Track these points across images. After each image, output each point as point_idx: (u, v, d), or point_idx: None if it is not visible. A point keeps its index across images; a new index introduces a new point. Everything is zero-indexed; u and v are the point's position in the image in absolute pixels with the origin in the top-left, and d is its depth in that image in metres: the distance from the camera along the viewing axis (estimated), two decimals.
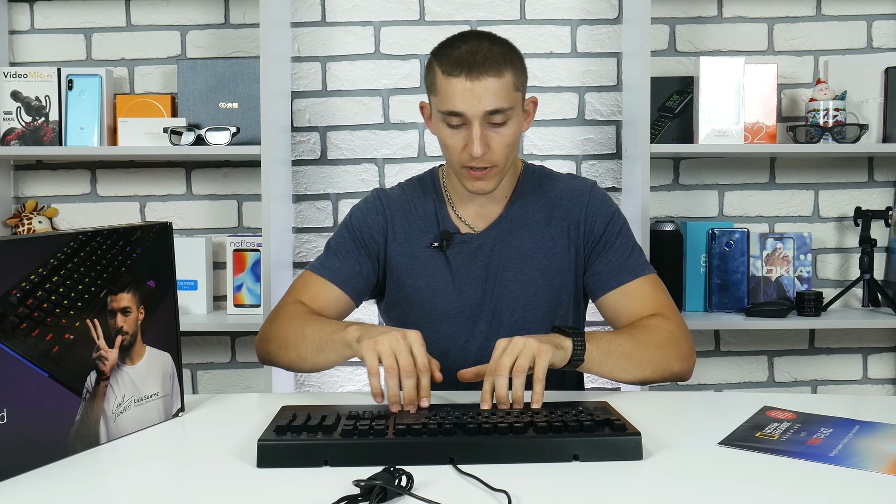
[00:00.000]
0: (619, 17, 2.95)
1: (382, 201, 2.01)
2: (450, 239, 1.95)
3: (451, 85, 1.76)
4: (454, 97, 1.76)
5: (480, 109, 1.75)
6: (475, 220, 1.98)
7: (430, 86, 1.85)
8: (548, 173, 2.04)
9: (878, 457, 1.30)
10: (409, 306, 1.97)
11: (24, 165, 2.98)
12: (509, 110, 1.78)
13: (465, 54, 1.76)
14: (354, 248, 1.96)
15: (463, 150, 1.81)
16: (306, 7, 2.95)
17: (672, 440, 1.39)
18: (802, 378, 3.04)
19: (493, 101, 1.75)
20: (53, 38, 2.96)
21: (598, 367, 1.65)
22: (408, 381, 1.46)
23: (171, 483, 1.27)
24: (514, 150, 1.86)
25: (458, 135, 1.81)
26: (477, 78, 1.74)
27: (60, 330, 1.31)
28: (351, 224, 2.00)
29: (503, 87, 1.76)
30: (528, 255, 1.95)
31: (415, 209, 2.00)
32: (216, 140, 2.68)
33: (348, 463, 1.26)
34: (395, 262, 1.97)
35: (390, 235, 1.98)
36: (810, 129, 2.74)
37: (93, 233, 1.39)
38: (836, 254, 3.02)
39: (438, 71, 1.80)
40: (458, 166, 1.85)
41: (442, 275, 1.95)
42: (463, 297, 1.95)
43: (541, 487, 1.18)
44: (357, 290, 1.95)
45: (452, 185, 1.99)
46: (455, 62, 1.76)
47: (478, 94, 1.75)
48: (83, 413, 1.35)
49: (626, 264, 1.91)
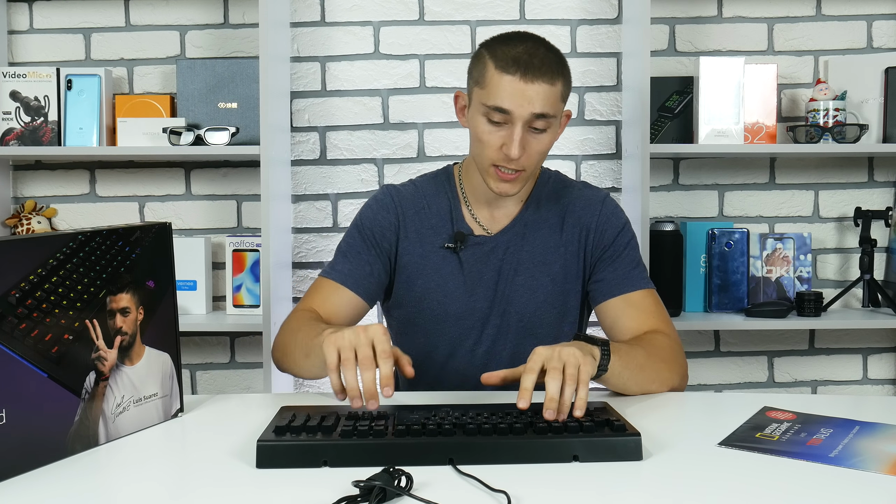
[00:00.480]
0: (619, 17, 2.94)
1: (394, 199, 1.98)
2: (463, 240, 1.94)
3: (504, 82, 1.75)
4: (504, 94, 1.75)
5: (528, 111, 1.74)
6: (489, 221, 1.97)
7: (477, 78, 1.82)
8: (563, 180, 2.04)
9: (878, 457, 1.29)
10: (417, 306, 1.96)
11: (22, 165, 2.98)
12: (552, 118, 1.78)
13: (522, 54, 1.75)
14: (365, 249, 1.94)
15: (499, 149, 1.79)
16: (305, 7, 2.95)
17: (672, 441, 1.39)
18: (802, 378, 3.04)
19: (541, 105, 1.75)
20: (52, 38, 2.96)
21: (616, 378, 1.62)
22: (366, 373, 1.42)
23: (171, 483, 1.27)
24: (544, 158, 1.86)
25: (497, 132, 1.79)
26: (531, 80, 1.73)
27: (59, 330, 1.31)
28: (361, 224, 1.97)
29: (553, 94, 1.76)
30: (540, 261, 1.94)
31: (428, 207, 1.98)
32: (215, 140, 2.68)
33: (348, 463, 1.25)
34: (405, 261, 1.96)
35: (402, 234, 1.96)
36: (810, 130, 2.74)
37: (92, 233, 1.39)
38: (836, 254, 3.02)
39: (491, 65, 1.77)
40: (487, 163, 1.82)
41: (453, 276, 1.94)
42: (473, 300, 1.94)
43: (540, 488, 1.18)
44: (369, 292, 1.93)
45: (470, 183, 1.97)
46: (512, 60, 1.75)
47: (529, 96, 1.74)
48: (82, 413, 1.35)
49: (631, 275, 1.91)
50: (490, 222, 1.97)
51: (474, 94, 1.83)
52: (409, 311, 1.97)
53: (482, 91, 1.79)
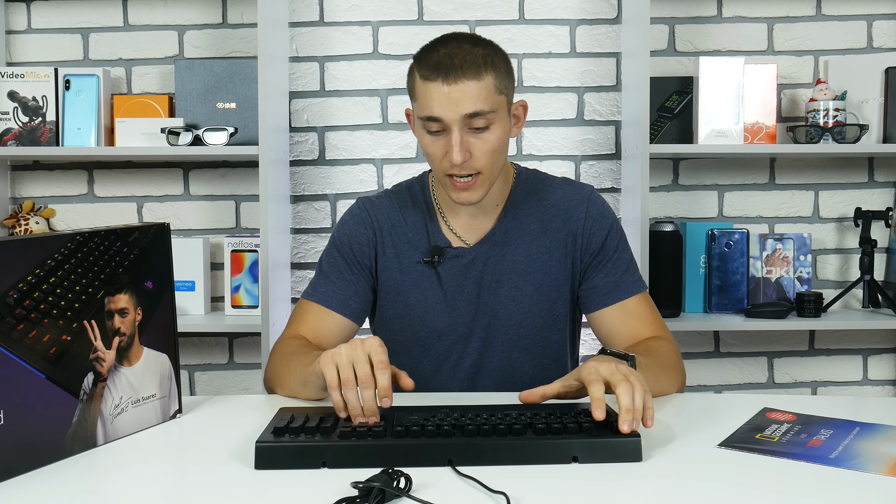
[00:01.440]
0: (619, 17, 2.94)
1: (369, 213, 1.93)
2: (441, 254, 1.88)
3: (429, 89, 1.71)
4: (431, 102, 1.71)
5: (458, 114, 1.69)
6: (467, 232, 1.91)
7: (410, 91, 1.79)
8: (542, 178, 1.98)
9: (878, 458, 1.29)
10: (399, 324, 1.91)
11: (20, 166, 2.97)
12: (490, 114, 1.72)
13: (442, 57, 1.71)
14: (347, 268, 1.90)
15: (444, 158, 1.74)
16: (304, 7, 2.94)
17: (672, 442, 1.39)
18: (802, 379, 3.03)
19: (471, 104, 1.69)
20: (50, 37, 2.96)
21: None
22: (366, 391, 1.38)
23: (169, 485, 1.27)
24: (500, 156, 1.78)
25: (438, 142, 1.74)
26: (454, 81, 1.69)
27: (58, 331, 1.31)
28: (339, 242, 1.93)
29: (482, 89, 1.70)
30: (523, 270, 1.89)
31: (403, 221, 1.93)
32: (214, 140, 2.67)
33: (346, 465, 1.25)
34: (384, 278, 1.91)
35: (380, 249, 1.91)
36: (810, 130, 2.73)
37: (90, 234, 1.38)
38: (836, 254, 3.01)
39: (417, 76, 1.74)
40: (441, 175, 1.78)
41: (433, 292, 1.89)
42: (455, 315, 1.89)
43: (540, 489, 1.18)
44: (356, 311, 1.89)
45: (443, 194, 1.90)
46: (433, 66, 1.71)
47: (455, 97, 1.69)
48: (80, 415, 1.35)
49: (623, 280, 1.87)
50: (467, 233, 1.91)
51: (414, 109, 1.81)
52: (390, 329, 1.92)
53: (416, 104, 1.77)
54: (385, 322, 1.94)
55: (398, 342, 1.90)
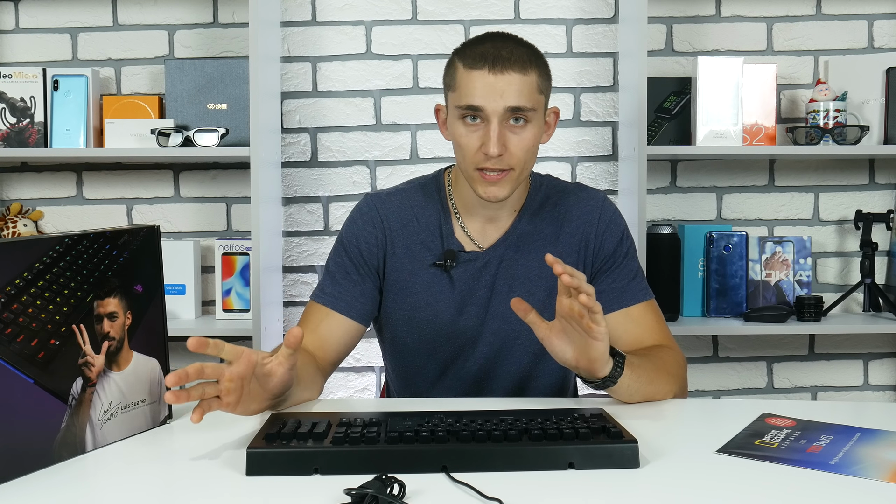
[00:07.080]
0: (616, 17, 2.93)
1: (379, 211, 1.91)
2: (454, 258, 1.87)
3: (473, 78, 1.70)
4: (474, 91, 1.70)
5: (501, 105, 1.69)
6: (481, 235, 1.89)
7: (448, 83, 1.78)
8: (556, 184, 1.97)
9: (879, 465, 1.29)
10: (406, 325, 1.90)
11: (8, 167, 2.96)
12: (530, 112, 1.72)
13: (489, 49, 1.71)
14: (353, 268, 1.88)
15: (478, 150, 1.72)
16: (296, 6, 2.93)
17: (669, 448, 1.38)
18: (802, 384, 3.02)
19: (514, 98, 1.69)
20: (39, 37, 2.94)
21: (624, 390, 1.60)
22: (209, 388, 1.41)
23: (159, 492, 1.25)
24: (532, 157, 1.77)
25: (474, 133, 1.73)
26: (501, 72, 1.68)
27: (46, 335, 1.30)
28: (347, 241, 1.90)
29: (527, 85, 1.70)
30: (536, 275, 1.88)
31: (416, 220, 1.90)
32: (204, 142, 2.66)
33: (339, 471, 1.24)
34: (394, 278, 1.89)
35: (389, 249, 1.89)
36: (810, 131, 2.72)
37: (79, 236, 1.37)
38: (837, 257, 3.00)
39: (460, 66, 1.74)
40: (471, 168, 1.76)
41: (444, 295, 1.88)
42: (464, 318, 1.88)
43: (535, 496, 1.17)
44: (363, 313, 1.86)
45: (460, 194, 1.89)
46: (479, 56, 1.70)
47: (500, 88, 1.68)
48: (69, 420, 1.33)
49: (630, 287, 1.87)
50: (481, 236, 1.90)
51: (449, 100, 1.80)
52: (396, 330, 1.91)
53: (455, 94, 1.76)
54: (391, 322, 1.92)
55: (404, 343, 1.90)
